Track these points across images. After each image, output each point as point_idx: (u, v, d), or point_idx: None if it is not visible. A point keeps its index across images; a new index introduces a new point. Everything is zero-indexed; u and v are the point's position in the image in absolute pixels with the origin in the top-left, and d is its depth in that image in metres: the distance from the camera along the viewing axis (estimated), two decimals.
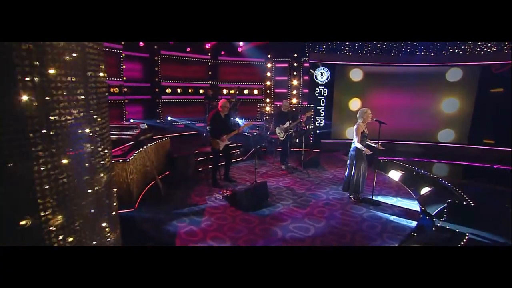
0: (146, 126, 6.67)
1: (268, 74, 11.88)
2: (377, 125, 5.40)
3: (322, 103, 10.32)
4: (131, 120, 9.34)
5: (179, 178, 6.48)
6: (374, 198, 5.75)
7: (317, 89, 10.29)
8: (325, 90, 10.28)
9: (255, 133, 8.75)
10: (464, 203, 5.58)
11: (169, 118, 10.20)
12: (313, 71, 10.20)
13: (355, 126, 5.45)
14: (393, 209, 5.44)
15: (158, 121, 10.25)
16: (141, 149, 5.41)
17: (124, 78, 9.15)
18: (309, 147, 9.19)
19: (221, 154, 6.25)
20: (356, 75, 10.34)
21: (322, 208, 5.39)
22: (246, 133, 8.57)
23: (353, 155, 5.54)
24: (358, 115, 5.53)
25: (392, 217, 5.10)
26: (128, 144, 5.51)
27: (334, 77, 10.25)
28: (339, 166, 8.08)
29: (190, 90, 11.12)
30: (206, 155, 6.67)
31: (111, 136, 5.98)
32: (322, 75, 10.24)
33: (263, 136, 8.82)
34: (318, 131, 10.22)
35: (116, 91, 8.88)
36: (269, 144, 8.70)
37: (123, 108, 9.28)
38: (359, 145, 5.37)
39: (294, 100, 11.33)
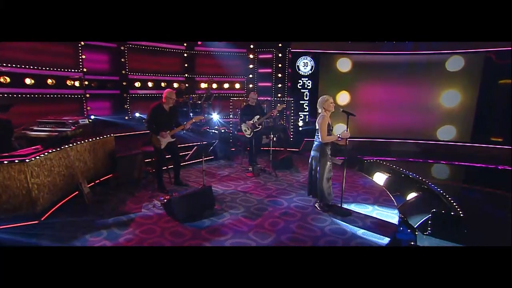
0: (87, 122, 5.93)
1: (251, 66, 11.02)
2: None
3: (306, 97, 9.41)
4: (92, 117, 8.63)
5: (124, 181, 5.69)
6: (346, 206, 4.92)
7: (299, 81, 9.38)
8: (308, 83, 9.40)
9: (222, 130, 7.90)
10: (452, 213, 4.62)
11: (136, 114, 9.43)
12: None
13: (319, 119, 4.57)
14: (365, 220, 4.54)
15: (126, 118, 9.50)
16: (62, 147, 4.60)
17: (85, 69, 8.40)
18: (287, 146, 8.27)
19: (168, 155, 5.46)
20: (343, 65, 9.39)
21: (277, 219, 4.53)
22: (212, 130, 7.76)
23: (317, 155, 4.65)
24: (318, 105, 4.65)
25: (360, 231, 4.20)
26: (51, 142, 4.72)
27: (318, 68, 9.35)
28: None
29: (163, 84, 10.35)
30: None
31: (39, 133, 5.30)
32: (305, 65, 9.34)
33: (233, 135, 7.95)
34: (300, 128, 9.32)
35: (71, 84, 8.14)
36: (235, 143, 7.84)
37: (83, 103, 8.54)
38: (328, 139, 4.48)
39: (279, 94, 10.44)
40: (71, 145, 4.89)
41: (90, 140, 5.39)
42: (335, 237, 4.05)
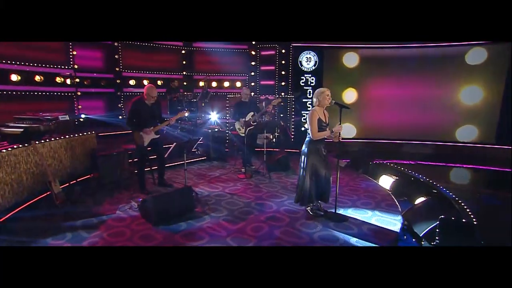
0: (68, 118, 5.86)
1: (253, 63, 10.83)
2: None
3: (309, 95, 9.10)
4: (82, 116, 8.62)
5: (105, 181, 5.56)
6: (342, 211, 4.63)
7: (302, 77, 9.10)
8: (312, 79, 9.10)
9: (216, 129, 7.70)
10: (464, 220, 4.23)
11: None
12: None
13: (309, 113, 4.31)
14: (361, 227, 4.21)
15: (120, 117, 9.44)
16: (31, 143, 4.49)
17: (76, 66, 8.41)
18: (287, 147, 7.98)
19: (154, 155, 5.32)
20: (350, 60, 9.05)
21: (261, 223, 4.27)
22: (205, 129, 7.59)
23: (305, 152, 4.37)
24: (313, 98, 4.39)
25: (353, 239, 3.88)
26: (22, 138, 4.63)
27: (322, 63, 9.05)
28: None
29: (159, 82, 10.28)
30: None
31: (14, 130, 5.22)
32: (308, 60, 9.06)
33: (229, 135, 7.74)
34: (303, 128, 9.02)
35: (61, 81, 8.14)
36: (231, 143, 7.62)
37: (74, 101, 8.54)
38: (318, 135, 4.21)
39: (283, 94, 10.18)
40: (43, 141, 4.78)
41: (67, 137, 5.28)
42: (324, 244, 3.75)
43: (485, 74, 8.36)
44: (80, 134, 5.61)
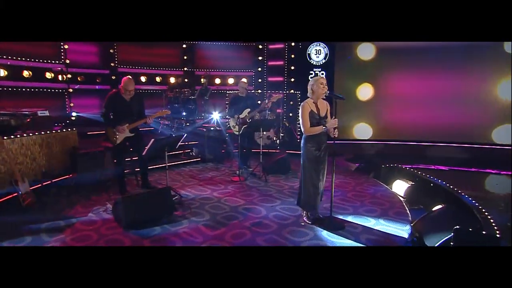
0: (48, 114, 5.88)
1: (260, 58, 10.68)
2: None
3: None
4: (73, 114, 8.70)
5: (84, 182, 5.50)
6: (341, 218, 4.42)
7: (311, 72, 8.86)
8: (322, 74, 8.84)
9: (211, 128, 7.58)
10: (484, 232, 3.85)
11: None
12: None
13: (301, 105, 4.11)
14: (360, 236, 3.93)
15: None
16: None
17: (67, 61, 8.52)
18: (290, 148, 7.74)
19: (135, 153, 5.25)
20: (365, 51, 8.72)
21: (244, 229, 4.08)
22: (200, 128, 7.49)
23: (302, 150, 4.18)
24: (308, 87, 4.19)
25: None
26: None
27: (334, 56, 8.77)
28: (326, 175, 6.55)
29: (158, 79, 10.29)
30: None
31: None
32: (317, 53, 8.82)
33: (222, 133, 7.59)
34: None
35: (52, 77, 8.26)
36: (230, 143, 7.45)
37: (65, 99, 8.65)
38: (311, 130, 4.02)
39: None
40: (12, 137, 4.77)
41: (43, 133, 5.27)
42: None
43: None
44: (59, 131, 5.59)
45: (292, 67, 10.16)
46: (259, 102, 7.88)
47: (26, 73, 7.82)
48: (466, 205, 4.68)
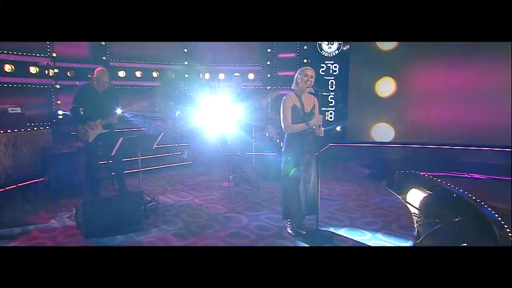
0: (20, 111, 6.05)
1: (269, 50, 10.64)
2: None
3: (331, 87, 8.69)
4: (59, 112, 8.93)
5: (57, 186, 5.61)
6: (333, 230, 4.30)
7: (322, 65, 8.72)
8: (335, 67, 8.69)
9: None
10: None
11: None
12: None
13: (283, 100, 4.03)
14: None
15: None
16: None
17: (54, 54, 8.77)
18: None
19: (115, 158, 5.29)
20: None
21: (217, 240, 4.08)
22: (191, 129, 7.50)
23: (284, 150, 4.10)
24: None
25: None
26: None
27: (349, 46, 8.60)
28: (332, 181, 6.52)
29: (155, 74, 10.40)
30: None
31: None
32: (329, 43, 8.66)
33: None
34: (323, 128, 8.58)
35: (36, 72, 8.50)
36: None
37: (52, 95, 8.89)
38: (292, 128, 3.94)
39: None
40: None
41: (9, 131, 5.39)
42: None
43: None
44: (28, 129, 5.71)
45: (305, 60, 10.04)
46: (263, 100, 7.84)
47: (8, 68, 8.09)
48: (486, 219, 4.42)
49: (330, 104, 8.78)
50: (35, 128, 5.89)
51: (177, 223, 4.50)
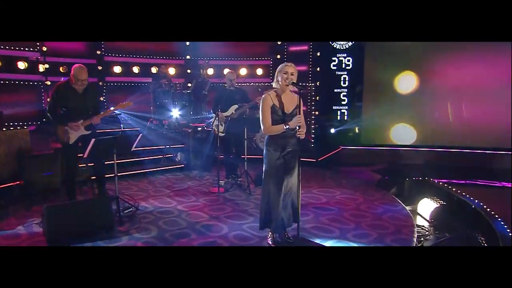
0: None
1: (279, 42, 10.71)
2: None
3: (344, 83, 8.68)
4: None
5: (35, 189, 5.82)
6: (319, 242, 4.35)
7: (333, 58, 8.72)
8: (348, 60, 8.67)
9: (199, 129, 7.75)
10: None
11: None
12: None
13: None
14: None
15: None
16: None
17: (44, 48, 9.12)
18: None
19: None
20: None
21: None
22: (185, 129, 7.66)
23: (264, 154, 4.16)
24: None
25: None
26: None
27: None
28: (333, 188, 6.56)
29: (153, 70, 10.63)
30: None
31: None
32: None
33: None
34: (333, 130, 8.63)
35: (25, 67, 8.86)
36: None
37: (42, 93, 9.25)
38: (271, 130, 3.98)
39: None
40: None
41: None
42: None
43: None
44: (4, 129, 5.95)
45: (318, 53, 10.06)
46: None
47: None
48: (496, 233, 4.35)
49: (342, 103, 8.77)
50: (11, 128, 6.12)
51: (152, 231, 4.61)
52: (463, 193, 5.56)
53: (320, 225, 4.79)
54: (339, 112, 8.81)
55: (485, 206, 5.02)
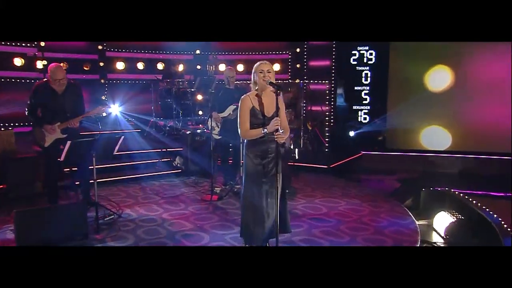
0: None
1: None
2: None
3: (365, 80, 8.74)
4: None
5: (17, 194, 6.24)
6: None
7: (353, 52, 8.81)
8: (370, 55, 8.72)
9: (198, 131, 7.99)
10: None
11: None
12: None
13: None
14: None
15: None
16: None
17: (42, 44, 9.64)
18: (310, 161, 7.81)
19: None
20: None
21: None
22: (183, 131, 7.90)
23: (243, 163, 4.35)
24: None
25: None
26: None
27: None
28: (339, 198, 6.67)
29: (160, 66, 11.02)
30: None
31: None
32: None
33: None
34: (352, 133, 8.69)
35: (22, 64, 9.40)
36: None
37: None
38: (249, 134, 4.12)
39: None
40: None
41: None
42: None
43: None
44: None
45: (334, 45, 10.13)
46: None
47: None
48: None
49: (363, 102, 8.82)
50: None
51: (128, 240, 4.88)
52: (483, 207, 5.53)
53: (311, 237, 4.91)
54: (360, 113, 8.88)
55: (502, 222, 5.00)
